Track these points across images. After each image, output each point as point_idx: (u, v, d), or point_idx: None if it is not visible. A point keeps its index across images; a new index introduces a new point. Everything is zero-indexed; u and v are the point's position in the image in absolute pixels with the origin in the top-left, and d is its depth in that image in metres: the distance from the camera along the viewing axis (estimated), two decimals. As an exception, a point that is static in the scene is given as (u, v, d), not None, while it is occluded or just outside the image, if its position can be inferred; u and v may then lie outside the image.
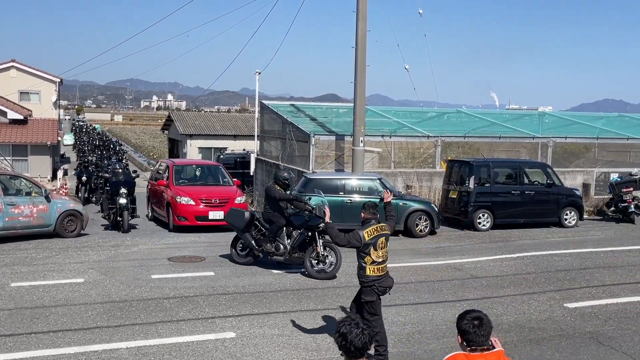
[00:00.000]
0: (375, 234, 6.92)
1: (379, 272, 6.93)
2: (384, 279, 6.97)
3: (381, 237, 6.96)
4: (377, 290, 6.92)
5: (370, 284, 6.91)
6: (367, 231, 6.89)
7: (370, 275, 6.90)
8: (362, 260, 6.92)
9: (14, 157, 33.05)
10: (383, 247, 6.97)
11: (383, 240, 6.98)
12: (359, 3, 17.44)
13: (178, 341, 7.51)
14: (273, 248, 11.36)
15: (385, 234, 7.03)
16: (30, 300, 9.17)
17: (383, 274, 6.97)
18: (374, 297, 6.92)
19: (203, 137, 41.53)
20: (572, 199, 17.45)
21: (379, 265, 6.93)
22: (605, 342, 7.81)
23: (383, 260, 6.98)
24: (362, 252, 6.89)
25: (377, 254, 6.91)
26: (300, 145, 20.43)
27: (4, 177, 14.50)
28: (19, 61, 42.22)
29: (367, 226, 6.98)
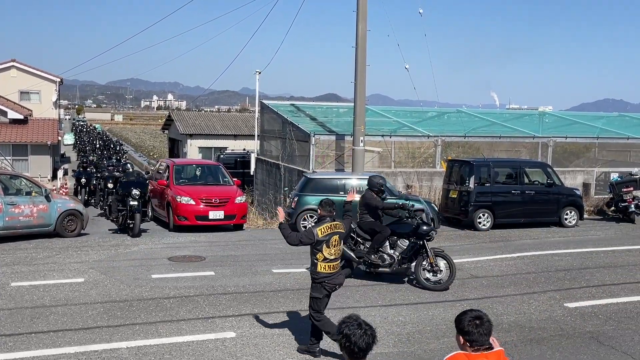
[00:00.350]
0: (329, 231, 7.01)
1: (331, 269, 7.03)
2: (335, 276, 7.08)
3: (335, 235, 7.04)
4: (326, 287, 7.04)
5: (321, 280, 7.04)
6: (321, 228, 6.99)
7: (321, 272, 7.01)
8: (315, 257, 7.03)
9: (14, 156, 33.07)
10: (336, 245, 7.07)
11: (337, 238, 7.07)
12: (359, 3, 17.44)
13: (178, 341, 7.51)
14: (379, 259, 10.52)
15: (339, 232, 7.12)
16: (30, 299, 9.17)
17: (334, 271, 7.08)
18: (321, 294, 7.05)
19: (203, 136, 41.54)
20: (572, 198, 17.45)
21: (331, 262, 7.03)
22: (605, 342, 7.81)
23: (335, 257, 7.08)
24: (315, 249, 7.00)
25: (330, 251, 7.00)
26: (300, 145, 20.43)
27: (4, 177, 14.49)
28: (19, 61, 42.26)
29: (322, 223, 7.09)
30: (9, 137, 33.43)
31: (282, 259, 12.53)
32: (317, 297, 7.08)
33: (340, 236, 7.16)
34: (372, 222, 10.61)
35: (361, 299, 9.61)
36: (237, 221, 16.25)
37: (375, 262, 10.50)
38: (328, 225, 7.05)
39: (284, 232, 7.16)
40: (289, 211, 16.01)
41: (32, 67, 43.08)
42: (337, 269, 7.13)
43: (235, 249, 13.47)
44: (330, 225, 7.06)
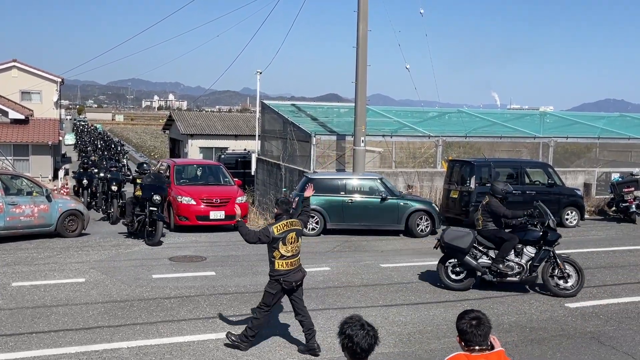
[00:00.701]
0: (285, 229, 7.10)
1: (288, 266, 7.12)
2: (292, 273, 7.15)
3: (291, 232, 7.13)
4: (282, 284, 7.13)
5: (277, 277, 7.13)
6: (277, 226, 7.08)
7: (278, 269, 7.11)
8: (272, 255, 7.13)
9: (15, 156, 33.09)
10: (293, 242, 7.15)
11: (293, 236, 7.15)
12: (360, 3, 17.43)
13: (179, 341, 7.51)
14: (507, 269, 10.11)
15: (296, 229, 7.20)
16: (31, 299, 9.18)
17: (292, 268, 7.16)
18: (274, 290, 7.17)
19: (204, 137, 41.56)
20: (573, 198, 17.44)
21: (288, 259, 7.12)
22: (606, 342, 7.80)
23: (292, 254, 7.15)
24: (272, 247, 7.09)
25: (286, 248, 7.09)
26: (301, 145, 20.43)
27: (5, 177, 14.51)
28: (20, 61, 42.28)
29: (278, 221, 7.17)
30: (10, 137, 33.45)
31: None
32: (270, 292, 7.21)
33: (297, 233, 7.25)
34: (497, 230, 10.31)
35: (362, 299, 9.61)
36: (237, 221, 16.24)
37: (504, 271, 10.11)
38: (284, 223, 7.14)
39: (242, 230, 7.24)
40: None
41: (33, 67, 43.10)
42: (294, 265, 7.20)
43: (236, 249, 13.47)
44: (286, 223, 7.15)
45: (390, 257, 12.91)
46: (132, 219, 14.38)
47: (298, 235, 7.25)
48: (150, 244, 13.68)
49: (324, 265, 11.93)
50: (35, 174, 28.30)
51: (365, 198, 15.59)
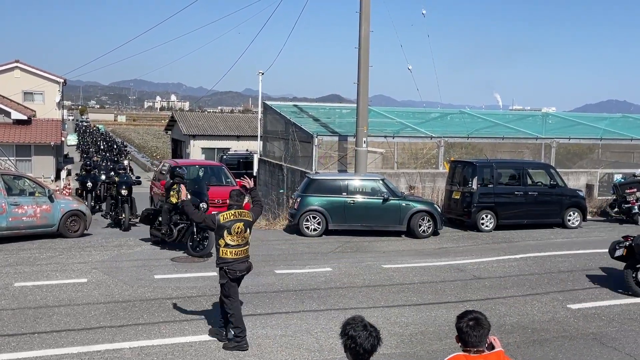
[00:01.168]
0: (232, 218, 7.29)
1: (233, 255, 7.28)
2: (237, 263, 7.31)
3: (239, 222, 7.30)
4: (226, 272, 7.27)
5: (221, 265, 7.32)
6: (224, 215, 7.30)
7: (222, 257, 7.30)
8: (217, 243, 7.34)
9: (17, 157, 33.13)
10: (240, 232, 7.32)
11: (240, 226, 7.31)
12: (362, 4, 17.44)
13: (181, 341, 7.52)
14: None
15: (244, 220, 7.37)
16: (33, 300, 9.19)
17: (237, 257, 7.32)
18: (224, 279, 7.32)
19: (206, 137, 41.62)
20: (575, 199, 17.41)
21: (233, 248, 7.29)
22: (608, 344, 7.79)
23: (238, 244, 7.32)
24: (217, 235, 7.30)
25: (232, 237, 7.27)
26: (303, 146, 20.44)
27: (7, 177, 14.52)
28: (22, 61, 42.36)
29: (227, 210, 7.42)
30: (13, 138, 33.51)
31: (285, 260, 12.54)
32: (222, 283, 7.37)
33: (246, 224, 7.39)
34: None
35: (364, 300, 9.60)
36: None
37: None
38: (232, 212, 7.34)
39: (188, 208, 7.72)
40: (292, 212, 16.01)
41: (36, 67, 43.18)
42: (240, 255, 7.35)
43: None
44: (234, 213, 7.35)
45: (392, 258, 12.91)
46: (170, 227, 13.08)
47: (246, 226, 7.41)
48: (199, 255, 12.42)
49: (325, 266, 11.93)
50: (37, 175, 28.31)
51: (367, 199, 15.58)
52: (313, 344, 7.52)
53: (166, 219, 13.17)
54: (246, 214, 7.48)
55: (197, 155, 40.04)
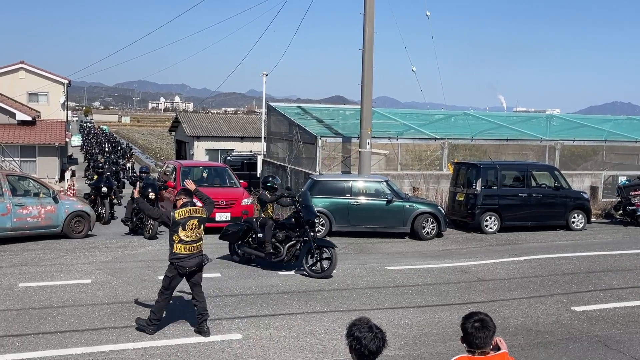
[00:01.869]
0: (187, 215, 7.55)
1: (186, 250, 7.55)
2: (189, 259, 7.56)
3: (193, 218, 7.57)
4: (176, 267, 7.54)
5: (172, 260, 7.60)
6: (179, 211, 7.56)
7: (176, 252, 7.56)
8: (171, 238, 7.60)
9: (22, 158, 33.24)
10: (194, 228, 7.58)
11: (195, 222, 7.58)
12: (366, 5, 17.45)
13: (184, 342, 7.52)
14: None
15: (199, 217, 7.63)
16: (38, 300, 9.21)
17: (190, 253, 7.57)
18: (172, 273, 7.61)
19: (210, 138, 41.67)
20: (579, 202, 17.38)
21: (187, 244, 7.55)
22: (613, 346, 7.77)
23: (192, 240, 7.57)
24: (172, 231, 7.57)
25: (186, 233, 7.53)
26: (307, 147, 20.44)
27: (12, 178, 14.57)
28: (27, 63, 42.48)
29: (181, 207, 7.67)
30: (18, 139, 33.61)
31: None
32: (167, 276, 7.68)
33: (200, 220, 7.64)
34: None
35: (367, 302, 9.60)
36: (243, 223, 16.25)
37: None
38: (187, 209, 7.59)
39: (143, 205, 8.21)
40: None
41: (41, 68, 43.30)
42: (193, 251, 7.59)
43: (242, 251, 13.45)
44: (189, 210, 7.60)
45: (396, 260, 12.89)
46: (275, 245, 11.51)
47: (200, 222, 7.64)
48: (320, 276, 10.96)
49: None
50: (42, 175, 28.40)
51: (371, 200, 15.58)
52: (317, 346, 7.52)
53: (269, 236, 11.43)
54: (200, 210, 7.74)
55: (201, 156, 40.10)
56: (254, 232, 11.69)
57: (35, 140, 34.02)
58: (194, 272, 7.70)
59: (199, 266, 7.70)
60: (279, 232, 11.55)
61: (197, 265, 7.67)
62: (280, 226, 11.63)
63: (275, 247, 11.47)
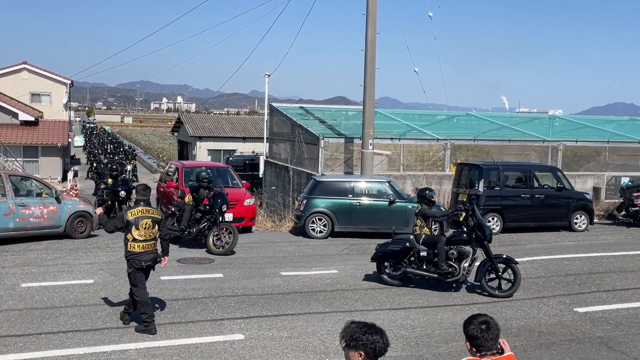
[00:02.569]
0: (140, 214, 7.87)
1: (140, 249, 7.86)
2: (143, 255, 7.87)
3: (146, 218, 7.88)
4: (134, 263, 7.85)
5: (129, 257, 7.91)
6: (132, 211, 7.91)
7: (130, 250, 7.87)
8: (126, 237, 7.90)
9: (25, 158, 33.28)
10: (147, 228, 7.88)
11: (148, 222, 7.88)
12: (369, 6, 17.44)
13: (186, 343, 7.52)
14: None
15: (152, 217, 7.95)
16: (40, 300, 9.22)
17: (143, 250, 7.88)
18: (131, 269, 7.92)
19: (212, 139, 41.66)
20: (582, 202, 17.35)
21: (141, 243, 7.85)
22: (615, 347, 7.75)
23: (145, 239, 7.87)
24: (126, 230, 7.86)
25: (139, 232, 7.83)
26: (309, 148, 20.44)
27: (15, 178, 14.59)
28: (30, 63, 42.58)
29: (134, 207, 8.03)
30: (20, 139, 33.66)
31: (291, 261, 12.53)
32: (129, 273, 7.97)
33: (154, 220, 7.93)
34: None
35: (370, 302, 9.59)
36: (245, 223, 16.26)
37: None
38: (140, 209, 7.92)
39: (101, 220, 8.42)
40: (297, 214, 16.00)
41: (43, 69, 43.40)
42: (147, 249, 7.90)
43: (244, 251, 13.48)
44: (142, 210, 7.92)
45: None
46: (454, 265, 10.39)
47: (155, 222, 7.94)
48: (504, 295, 10.12)
49: (331, 268, 11.92)
50: (44, 176, 28.42)
51: (373, 201, 15.57)
52: (319, 346, 7.51)
53: (443, 255, 10.33)
54: (154, 211, 8.01)
55: (204, 157, 40.10)
56: (415, 250, 10.47)
57: (38, 140, 34.07)
58: (149, 267, 8.05)
59: (153, 261, 8.03)
60: (450, 249, 10.41)
61: (152, 260, 8.00)
62: (447, 242, 10.48)
63: (449, 265, 10.36)
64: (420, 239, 10.51)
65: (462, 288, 10.51)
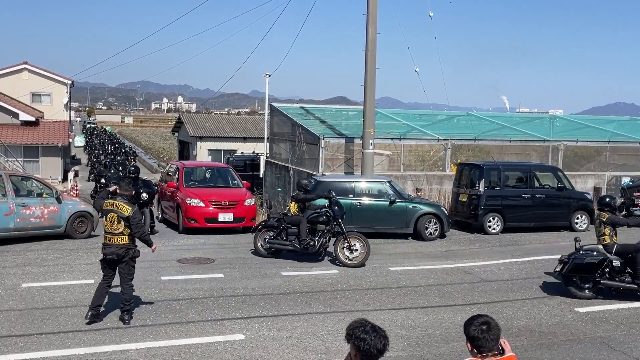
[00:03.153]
0: (109, 207, 8.21)
1: (105, 240, 8.23)
2: (109, 247, 8.16)
3: (112, 212, 8.15)
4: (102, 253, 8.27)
5: None
6: (107, 202, 8.30)
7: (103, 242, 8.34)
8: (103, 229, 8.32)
9: (25, 158, 33.28)
10: (113, 222, 8.14)
11: (114, 216, 8.13)
12: (369, 6, 17.43)
13: (187, 343, 7.52)
14: None
15: (118, 212, 8.12)
16: (40, 300, 9.22)
17: (107, 242, 8.19)
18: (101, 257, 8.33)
19: (213, 139, 41.67)
20: (583, 202, 17.34)
21: (107, 234, 8.21)
22: (616, 347, 7.74)
23: (110, 232, 8.16)
24: None
25: (106, 224, 8.22)
26: (309, 148, 20.44)
27: (15, 178, 14.59)
28: (30, 63, 42.58)
29: (110, 199, 8.33)
30: (21, 139, 33.67)
31: (291, 262, 12.53)
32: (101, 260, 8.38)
33: (119, 216, 8.12)
34: None
35: (370, 302, 9.58)
36: (246, 223, 16.26)
37: None
38: (111, 202, 8.23)
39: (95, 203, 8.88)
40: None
41: (44, 69, 43.40)
42: (110, 241, 8.16)
43: (245, 252, 13.48)
44: (112, 203, 8.21)
45: (399, 261, 12.88)
46: None
47: (120, 218, 8.12)
48: None
49: (332, 268, 11.92)
50: (45, 176, 28.42)
51: (374, 201, 15.56)
52: (319, 346, 7.51)
53: None
54: (125, 207, 8.14)
55: (204, 157, 40.11)
56: (609, 261, 10.04)
57: (39, 140, 34.07)
58: (113, 260, 8.19)
59: (116, 256, 8.14)
60: None
61: (112, 254, 8.13)
62: None
63: None
64: (612, 249, 10.15)
65: None
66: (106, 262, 8.28)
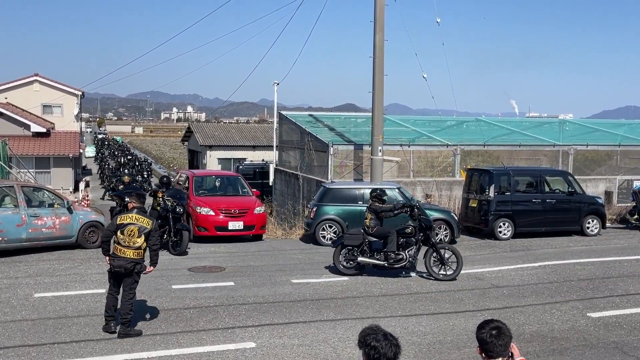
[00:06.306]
0: (127, 220, 8.13)
1: (118, 252, 8.10)
2: (117, 259, 8.09)
3: (133, 225, 8.10)
4: (110, 263, 8.20)
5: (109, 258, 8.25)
6: (122, 217, 8.21)
7: (113, 251, 8.19)
8: (114, 238, 8.20)
9: (37, 169, 33.57)
10: (132, 235, 8.08)
11: (134, 229, 8.08)
12: (377, 13, 17.49)
13: (198, 351, 7.54)
14: None
15: (140, 225, 8.11)
16: (53, 310, 9.28)
17: (120, 255, 8.08)
18: (108, 267, 8.27)
19: (222, 148, 41.83)
20: (594, 207, 17.24)
21: (121, 247, 8.09)
22: (630, 352, 7.68)
23: (126, 245, 8.07)
24: (115, 231, 8.15)
25: (122, 237, 8.09)
26: (318, 155, 20.47)
27: (27, 189, 14.71)
28: (42, 75, 43.03)
29: (126, 213, 8.30)
30: (32, 150, 33.98)
31: (301, 269, 12.53)
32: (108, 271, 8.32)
33: (141, 229, 8.09)
34: None
35: (381, 309, 9.57)
36: (256, 231, 16.30)
37: None
38: (129, 216, 8.18)
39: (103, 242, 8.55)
40: (308, 221, 16.00)
41: (55, 80, 43.81)
42: (124, 254, 8.05)
43: (255, 260, 13.50)
44: (131, 216, 8.16)
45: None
46: None
47: (141, 231, 8.09)
48: None
49: (342, 275, 11.90)
50: (56, 186, 28.66)
51: (384, 207, 15.51)
52: (330, 354, 7.50)
53: None
54: (144, 220, 8.16)
55: (214, 165, 40.25)
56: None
57: (50, 151, 34.36)
58: (119, 273, 8.13)
59: (124, 270, 8.08)
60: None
61: (120, 267, 8.07)
62: None
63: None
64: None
65: None
66: (113, 275, 8.23)
